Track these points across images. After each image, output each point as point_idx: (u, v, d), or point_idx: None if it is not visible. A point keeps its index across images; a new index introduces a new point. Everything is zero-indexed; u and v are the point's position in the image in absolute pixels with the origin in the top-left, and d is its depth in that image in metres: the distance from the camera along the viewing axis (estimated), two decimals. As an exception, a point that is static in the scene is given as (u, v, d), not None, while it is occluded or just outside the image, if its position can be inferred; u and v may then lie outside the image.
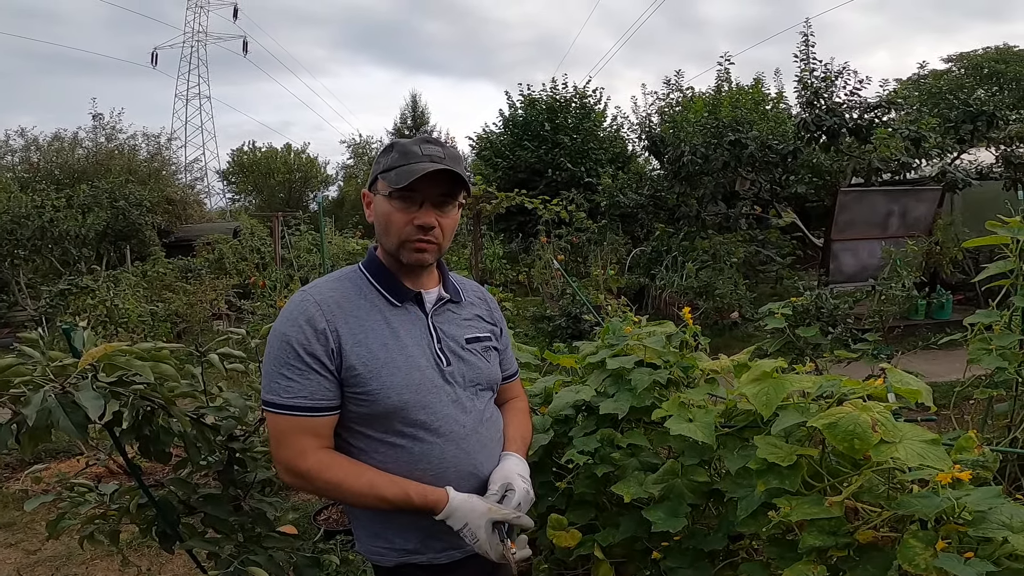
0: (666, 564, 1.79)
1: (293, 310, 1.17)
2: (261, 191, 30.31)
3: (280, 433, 1.14)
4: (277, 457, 1.17)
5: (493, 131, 15.62)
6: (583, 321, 6.12)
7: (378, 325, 1.19)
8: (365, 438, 1.19)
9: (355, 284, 1.24)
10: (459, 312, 1.31)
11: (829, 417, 1.20)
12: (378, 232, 1.24)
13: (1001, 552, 1.09)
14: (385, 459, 1.18)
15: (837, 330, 3.67)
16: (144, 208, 11.84)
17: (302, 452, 1.14)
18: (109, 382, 1.19)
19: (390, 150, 1.22)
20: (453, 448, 1.21)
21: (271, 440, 1.17)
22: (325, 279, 1.26)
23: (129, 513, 1.48)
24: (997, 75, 17.51)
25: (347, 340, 1.15)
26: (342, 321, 1.16)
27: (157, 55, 34.29)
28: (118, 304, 6.20)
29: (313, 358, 1.13)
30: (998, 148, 8.60)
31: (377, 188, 1.22)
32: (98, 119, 16.21)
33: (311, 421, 1.14)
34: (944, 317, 7.24)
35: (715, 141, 8.66)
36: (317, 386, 1.13)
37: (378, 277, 1.24)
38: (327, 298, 1.19)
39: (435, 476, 1.19)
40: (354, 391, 1.15)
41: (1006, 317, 2.26)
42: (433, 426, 1.19)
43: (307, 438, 1.14)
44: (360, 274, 1.26)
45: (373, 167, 1.25)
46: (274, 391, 1.14)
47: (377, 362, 1.15)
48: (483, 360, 1.30)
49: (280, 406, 1.13)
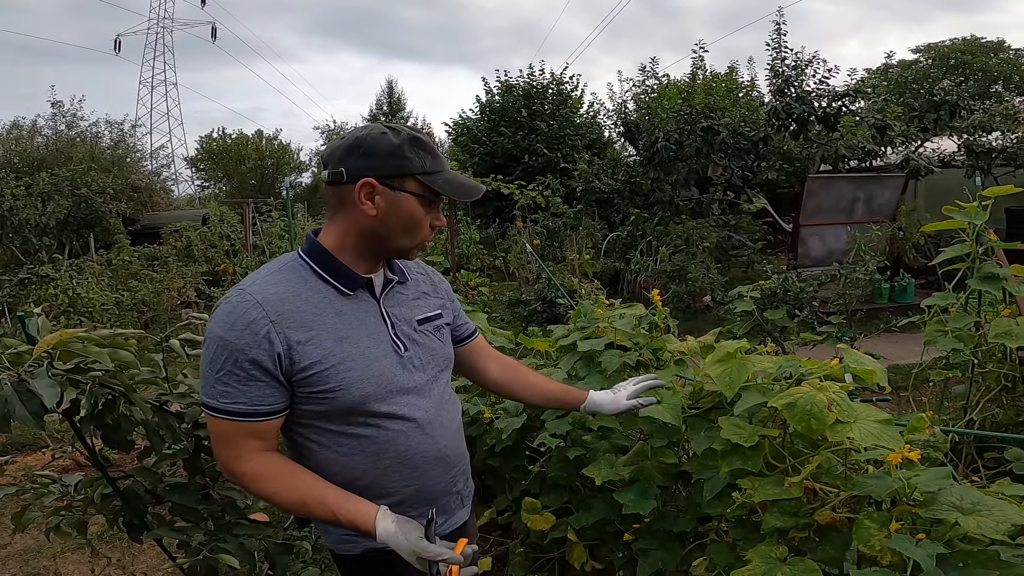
0: (638, 546, 1.82)
1: (231, 312, 1.07)
2: (232, 178, 29.63)
3: (218, 436, 1.10)
4: (216, 455, 1.13)
5: (470, 117, 15.51)
6: (558, 305, 6.16)
7: (329, 319, 1.11)
8: (325, 432, 1.14)
9: (299, 275, 1.13)
10: (406, 292, 1.26)
11: (788, 397, 1.22)
12: (391, 230, 1.13)
13: (953, 534, 1.10)
14: (349, 451, 1.14)
15: (803, 313, 3.76)
16: (107, 196, 11.52)
17: (240, 455, 1.10)
18: (66, 369, 1.16)
19: (416, 145, 1.12)
20: (418, 434, 1.18)
21: (212, 441, 1.13)
22: (264, 272, 1.14)
23: (94, 503, 1.45)
24: (963, 66, 17.95)
25: (297, 340, 1.07)
26: (289, 320, 1.07)
27: (120, 42, 33.23)
28: (81, 293, 6.02)
29: (254, 365, 1.05)
30: (961, 137, 8.86)
31: (406, 186, 1.12)
32: (58, 107, 15.66)
33: (252, 425, 1.09)
34: (907, 301, 7.46)
35: (688, 128, 8.73)
36: (258, 392, 1.07)
37: (326, 267, 1.14)
38: (270, 296, 1.08)
39: (402, 463, 1.17)
40: (311, 391, 1.09)
41: (962, 299, 2.34)
42: (398, 415, 1.15)
43: (246, 440, 1.09)
44: (302, 263, 1.15)
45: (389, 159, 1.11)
46: (210, 395, 1.08)
47: (333, 359, 1.09)
48: (436, 340, 1.26)
49: (217, 410, 1.08)
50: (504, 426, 2.13)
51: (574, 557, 2.02)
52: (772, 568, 1.20)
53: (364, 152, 1.11)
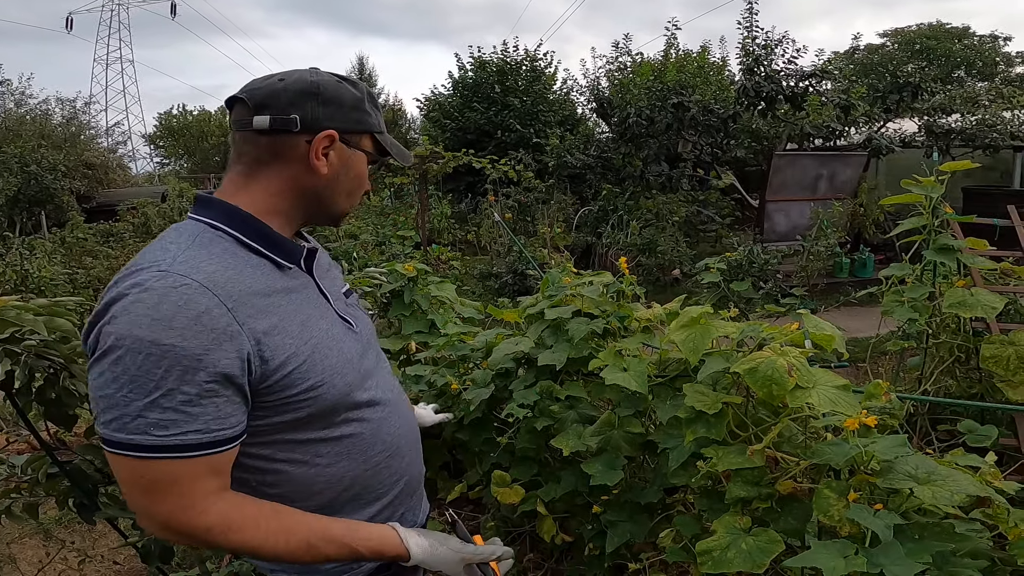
0: (606, 518, 1.83)
1: (160, 303, 0.76)
2: (193, 154, 28.69)
3: (155, 482, 0.78)
4: (151, 512, 0.80)
5: (442, 93, 15.25)
6: (529, 277, 6.16)
7: (283, 299, 0.88)
8: (300, 445, 0.90)
9: (224, 248, 0.86)
10: (321, 263, 1.04)
11: (749, 362, 1.22)
12: (336, 191, 0.96)
13: (909, 505, 1.11)
14: (333, 459, 0.93)
15: (768, 285, 3.84)
16: (59, 173, 11.13)
17: (195, 503, 0.80)
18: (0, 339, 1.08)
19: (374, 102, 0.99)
20: (396, 416, 1.03)
21: (135, 491, 0.80)
22: (179, 247, 0.83)
23: (40, 484, 1.39)
24: (928, 51, 18.33)
25: (264, 330, 0.82)
26: (247, 305, 0.82)
27: (72, 20, 31.65)
28: (31, 270, 5.78)
29: (214, 377, 0.77)
30: (921, 118, 9.08)
31: (362, 145, 0.97)
32: (5, 85, 15.08)
33: (210, 459, 0.80)
34: (866, 275, 7.67)
35: (660, 104, 8.74)
36: (215, 413, 0.78)
37: (260, 238, 0.90)
38: (213, 275, 0.80)
39: (392, 455, 1.01)
40: (289, 395, 0.86)
41: (918, 270, 2.40)
42: (377, 399, 0.99)
43: (204, 482, 0.80)
44: (221, 235, 0.88)
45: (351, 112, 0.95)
46: (138, 429, 0.76)
47: (306, 348, 0.87)
48: (364, 312, 1.10)
49: (155, 448, 0.76)
50: (472, 397, 2.11)
51: (544, 530, 2.03)
52: (736, 539, 1.20)
53: (324, 100, 0.92)
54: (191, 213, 0.92)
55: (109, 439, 0.78)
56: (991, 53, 18.30)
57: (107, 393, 0.77)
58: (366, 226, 9.07)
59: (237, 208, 0.91)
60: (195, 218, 0.90)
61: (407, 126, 24.13)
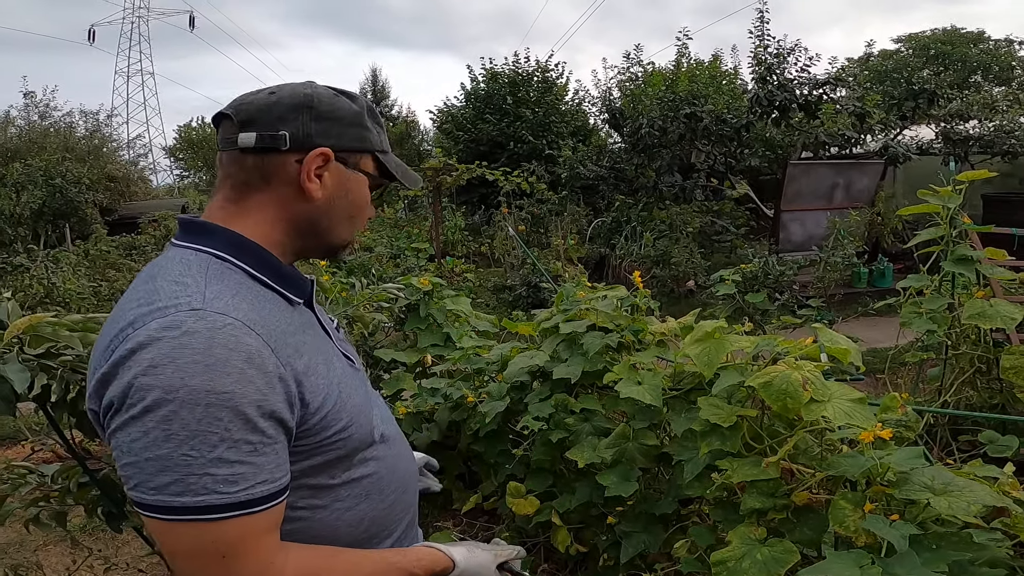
0: (621, 529, 1.84)
1: (209, 347, 0.68)
2: (212, 167, 29.18)
3: (230, 545, 0.70)
4: None
5: (455, 104, 15.41)
6: (543, 290, 6.18)
7: (304, 336, 0.82)
8: (323, 491, 0.83)
9: (241, 284, 0.78)
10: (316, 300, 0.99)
11: (764, 376, 1.23)
12: (334, 217, 0.86)
13: (926, 515, 1.11)
14: (354, 501, 0.87)
15: (784, 296, 3.81)
16: (83, 186, 11.37)
17: (274, 561, 0.73)
18: (36, 355, 1.13)
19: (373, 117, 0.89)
20: (404, 450, 1.00)
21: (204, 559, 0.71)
22: (205, 283, 0.74)
23: (71, 493, 1.44)
24: (943, 56, 18.14)
25: (302, 371, 0.77)
26: (282, 344, 0.76)
27: (95, 32, 32.56)
28: (57, 283, 5.92)
29: (272, 419, 0.72)
30: (938, 125, 9.00)
31: (361, 165, 0.87)
32: (30, 97, 15.43)
33: (275, 511, 0.74)
34: (885, 285, 7.59)
35: (672, 114, 8.75)
36: (277, 459, 0.73)
37: (270, 271, 0.82)
38: (248, 312, 0.74)
39: (404, 490, 0.97)
40: (323, 438, 0.80)
41: (936, 281, 2.38)
42: (387, 436, 0.94)
43: (272, 536, 0.74)
44: (231, 267, 0.79)
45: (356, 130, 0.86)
46: (203, 488, 0.68)
47: (334, 387, 0.81)
48: (352, 346, 1.03)
49: (227, 507, 0.69)
50: (488, 410, 2.13)
51: (559, 540, 2.04)
52: (751, 549, 1.20)
53: (318, 114, 0.82)
54: (182, 241, 0.81)
55: (169, 505, 0.68)
56: (1007, 57, 18.07)
57: (159, 454, 0.67)
58: (380, 238, 9.16)
59: (243, 237, 0.81)
60: (192, 247, 0.79)
61: (420, 138, 24.39)
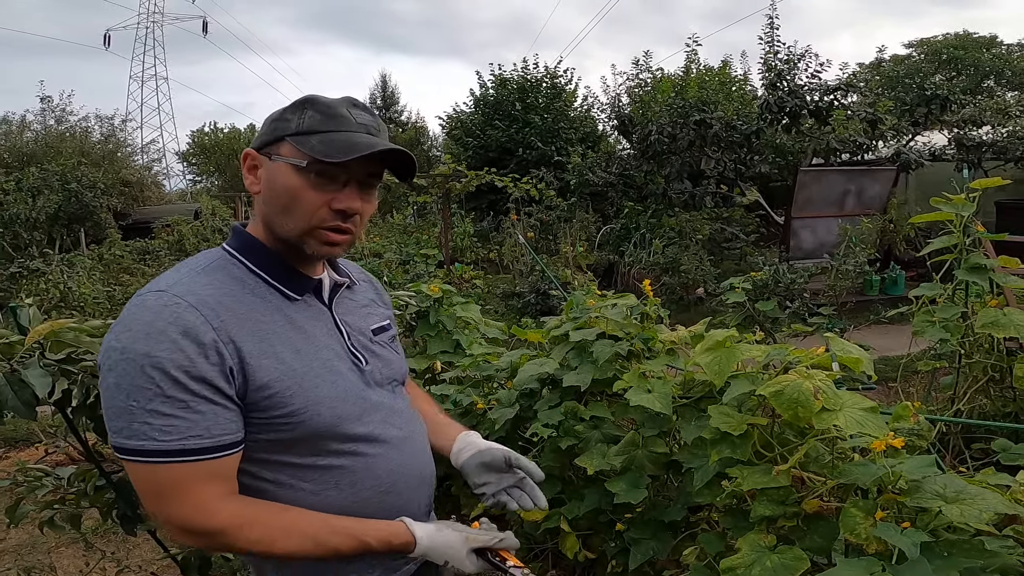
0: (630, 535, 1.84)
1: (154, 320, 0.82)
2: (224, 172, 29.49)
3: (168, 487, 0.83)
4: (169, 516, 0.85)
5: (464, 110, 15.48)
6: (552, 297, 6.18)
7: (281, 328, 0.91)
8: (286, 467, 0.92)
9: (233, 276, 0.92)
10: (355, 299, 1.07)
11: (775, 385, 1.23)
12: (272, 210, 0.93)
13: (938, 523, 1.11)
14: (320, 487, 0.93)
15: (794, 304, 3.79)
16: (98, 190, 11.49)
17: (208, 506, 0.84)
18: (57, 359, 1.15)
19: (303, 107, 0.93)
20: (397, 455, 1.01)
21: (149, 496, 0.85)
22: (187, 272, 0.91)
23: (87, 496, 1.46)
24: (955, 61, 17.99)
25: (249, 351, 0.86)
26: (236, 327, 0.86)
27: (110, 36, 33.13)
28: (72, 287, 6.00)
29: (203, 383, 0.82)
30: (951, 130, 8.93)
31: (280, 152, 0.91)
32: (46, 101, 15.62)
33: (214, 463, 0.84)
34: (897, 293, 7.52)
35: (681, 121, 8.75)
36: (215, 418, 0.84)
37: (267, 267, 0.94)
38: (204, 298, 0.86)
39: (385, 492, 0.98)
40: (270, 416, 0.88)
41: (949, 290, 2.36)
42: (374, 435, 0.97)
43: (211, 485, 0.85)
44: (236, 263, 0.94)
45: (273, 123, 0.94)
46: (142, 434, 0.81)
47: (295, 375, 0.89)
48: (393, 352, 1.09)
49: (162, 453, 0.81)
50: (497, 416, 2.14)
51: (567, 547, 2.04)
52: (761, 556, 1.20)
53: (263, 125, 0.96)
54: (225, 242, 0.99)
55: (121, 447, 0.83)
56: (1020, 62, 17.87)
57: (114, 404, 0.82)
58: (390, 244, 9.21)
59: (255, 239, 0.96)
60: (223, 247, 0.97)
61: (429, 143, 24.50)
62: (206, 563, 1.46)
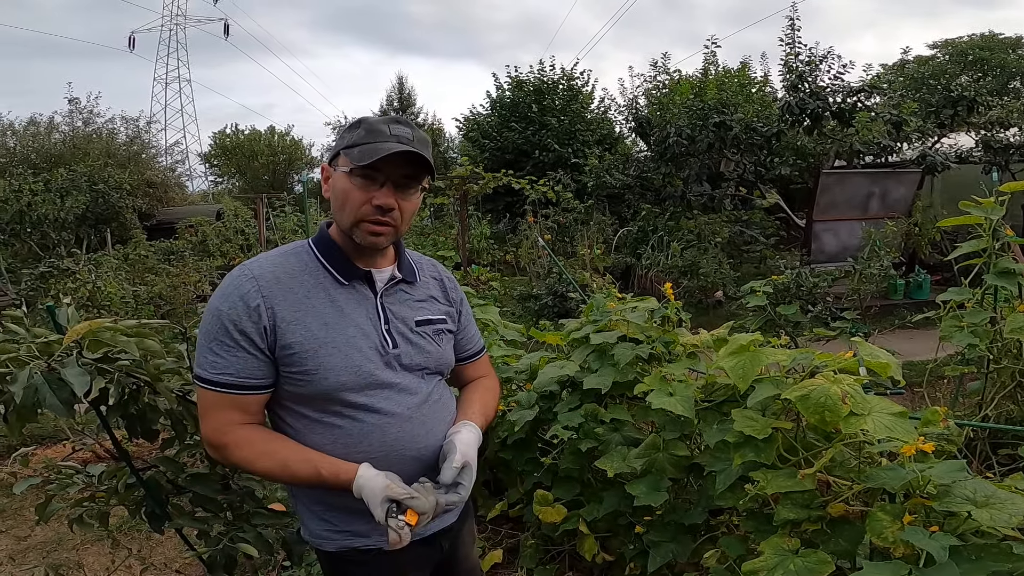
0: (649, 538, 1.84)
1: (228, 284, 1.13)
2: (244, 173, 29.92)
3: (205, 407, 1.12)
4: (201, 430, 1.14)
5: (480, 112, 15.55)
6: (569, 299, 6.16)
7: (320, 303, 1.15)
8: (302, 417, 1.16)
9: (300, 260, 1.19)
10: (412, 293, 1.27)
11: (801, 389, 1.22)
12: (334, 208, 1.19)
13: (966, 527, 1.11)
14: (322, 439, 1.14)
15: (817, 308, 3.74)
16: (124, 191, 11.72)
17: (222, 427, 1.12)
18: (94, 359, 1.18)
19: (356, 126, 1.17)
20: (395, 429, 1.16)
21: (199, 411, 1.15)
22: (269, 253, 1.21)
23: (118, 494, 1.48)
24: (981, 62, 17.63)
25: (283, 317, 1.11)
26: (280, 297, 1.12)
27: (134, 39, 33.87)
28: (100, 286, 6.13)
29: (243, 335, 1.09)
30: (978, 133, 8.73)
31: (338, 163, 1.17)
32: (74, 103, 15.94)
33: (236, 398, 1.11)
34: (922, 297, 7.38)
35: (700, 123, 8.69)
36: (244, 364, 1.10)
37: (327, 254, 1.20)
38: (265, 272, 1.14)
39: (377, 459, 1.13)
40: (290, 370, 1.12)
41: (978, 294, 2.32)
42: (374, 407, 1.15)
43: (231, 412, 1.12)
44: (308, 250, 1.21)
45: (336, 141, 1.20)
46: (202, 365, 1.11)
47: (315, 341, 1.12)
48: (433, 343, 1.25)
49: (207, 380, 1.11)
50: (517, 419, 2.15)
51: (585, 549, 2.04)
52: (784, 560, 1.20)
53: None
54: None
55: (195, 373, 1.13)
56: (1047, 63, 17.44)
57: (199, 341, 1.14)
58: (407, 245, 9.22)
59: (327, 234, 1.22)
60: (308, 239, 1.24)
61: (446, 145, 24.60)
62: (231, 562, 1.48)
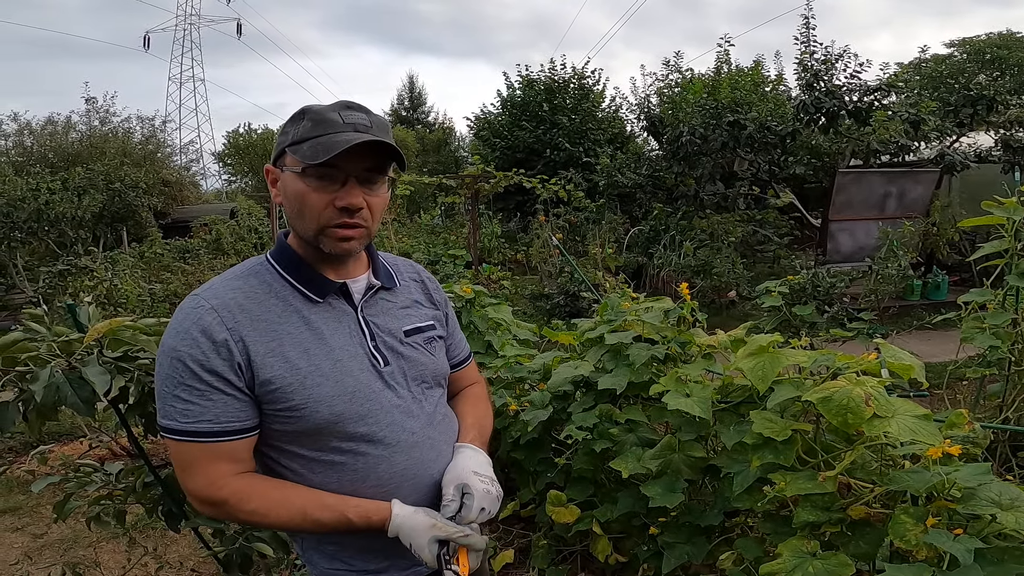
0: (663, 539, 1.82)
1: (183, 320, 0.96)
2: (257, 172, 30.15)
3: (187, 462, 0.96)
4: (186, 487, 0.98)
5: (491, 111, 15.54)
6: (581, 299, 6.14)
7: (295, 328, 0.99)
8: (297, 458, 1.01)
9: (262, 280, 1.02)
10: (394, 300, 1.11)
11: (823, 391, 1.21)
12: (290, 216, 1.01)
13: (990, 530, 1.10)
14: (326, 480, 1.00)
15: (833, 309, 3.70)
16: (140, 190, 11.86)
17: (215, 481, 0.96)
18: (115, 357, 1.19)
19: (300, 118, 1.00)
20: (403, 458, 1.03)
21: (176, 468, 0.98)
22: (223, 277, 1.03)
23: (135, 492, 1.49)
24: (999, 60, 17.35)
25: (257, 351, 0.95)
26: (248, 327, 0.96)
27: (149, 38, 34.31)
28: (117, 284, 6.20)
29: (215, 375, 0.94)
30: (997, 132, 8.58)
31: (285, 163, 1.00)
32: (91, 103, 16.16)
33: (222, 446, 0.96)
34: (940, 298, 7.29)
35: (714, 122, 8.62)
36: (224, 408, 0.95)
37: (292, 270, 1.02)
38: (226, 301, 0.97)
39: (388, 493, 1.01)
40: (274, 408, 0.97)
41: (1000, 296, 2.28)
42: (377, 437, 1.01)
43: (220, 464, 0.96)
44: (268, 267, 1.03)
45: (277, 139, 1.03)
46: (169, 415, 0.95)
47: (298, 373, 0.97)
48: (426, 354, 1.11)
49: (180, 432, 0.94)
50: (530, 419, 2.14)
51: (598, 550, 2.02)
52: (803, 562, 1.19)
53: None
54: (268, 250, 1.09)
55: (159, 424, 0.98)
56: (1066, 63, 17.11)
57: (157, 388, 0.97)
58: (418, 244, 9.29)
59: (288, 246, 1.05)
60: (266, 254, 1.07)
61: (456, 144, 24.63)
62: (247, 561, 1.49)
